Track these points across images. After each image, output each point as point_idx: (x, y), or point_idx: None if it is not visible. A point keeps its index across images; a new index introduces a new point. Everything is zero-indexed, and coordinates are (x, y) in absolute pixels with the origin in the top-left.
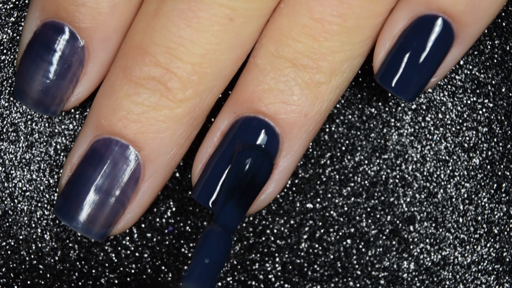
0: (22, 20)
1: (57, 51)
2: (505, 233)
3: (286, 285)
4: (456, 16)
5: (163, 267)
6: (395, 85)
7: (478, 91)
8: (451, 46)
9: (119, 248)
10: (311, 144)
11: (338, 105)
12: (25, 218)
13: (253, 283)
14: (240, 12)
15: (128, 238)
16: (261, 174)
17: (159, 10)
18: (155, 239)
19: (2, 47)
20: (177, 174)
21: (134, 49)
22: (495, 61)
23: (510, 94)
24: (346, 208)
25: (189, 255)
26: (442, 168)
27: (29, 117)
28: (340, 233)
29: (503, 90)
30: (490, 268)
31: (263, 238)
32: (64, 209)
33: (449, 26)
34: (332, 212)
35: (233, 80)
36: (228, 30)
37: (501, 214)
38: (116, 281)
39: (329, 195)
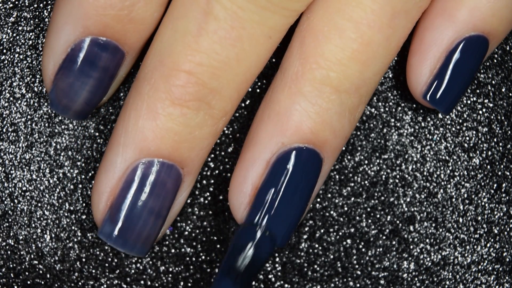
0: (22, 20)
1: (103, 67)
2: (505, 233)
3: (286, 285)
4: (496, 35)
5: (163, 267)
6: (441, 102)
7: (478, 91)
8: (484, 58)
9: None
10: None
11: None
12: (25, 218)
13: (253, 283)
14: (277, 29)
15: None
16: (260, 255)
17: (202, 30)
18: None
19: (2, 47)
20: None
21: (177, 71)
22: (495, 61)
23: (510, 94)
24: (346, 208)
25: (189, 255)
26: (442, 168)
27: (29, 117)
28: (340, 233)
29: (503, 90)
30: (490, 268)
31: None
32: (118, 236)
33: (487, 42)
34: (332, 212)
35: None
36: (267, 48)
37: (501, 214)
38: (116, 281)
39: (329, 195)
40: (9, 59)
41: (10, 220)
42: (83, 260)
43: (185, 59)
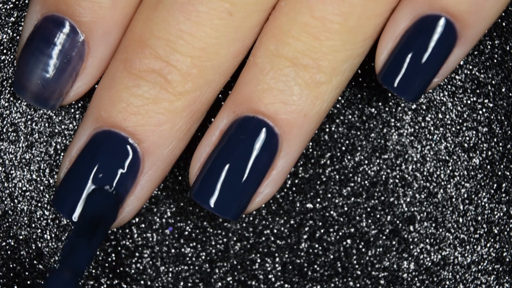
0: (22, 20)
1: (57, 45)
2: (505, 233)
3: (286, 285)
4: (459, 16)
5: (163, 267)
6: (397, 86)
7: (478, 91)
8: (454, 47)
9: (119, 248)
10: (311, 144)
11: (338, 105)
12: (25, 218)
13: (253, 283)
14: (240, 6)
15: (128, 238)
16: (107, 213)
17: (160, 3)
18: (155, 239)
19: (2, 47)
20: (177, 174)
21: (134, 42)
22: (495, 61)
23: (510, 94)
24: (346, 208)
25: (189, 255)
26: (442, 168)
27: (29, 117)
28: (340, 233)
29: (503, 90)
30: (490, 268)
31: (263, 238)
32: (62, 202)
33: (452, 26)
34: (332, 212)
35: (234, 80)
36: (228, 24)
37: (501, 214)
38: (116, 281)
39: (329, 195)
40: (9, 59)
41: (10, 220)
42: None
43: (141, 31)
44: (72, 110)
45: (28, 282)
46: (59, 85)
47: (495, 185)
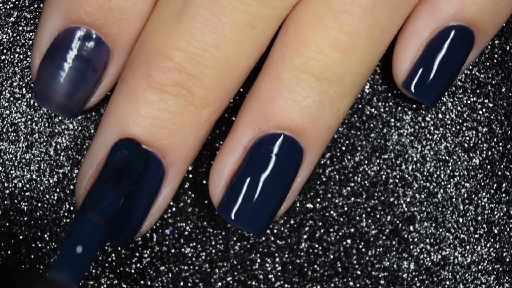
0: (22, 20)
1: (85, 57)
2: (505, 233)
3: (286, 285)
4: (480, 27)
5: (163, 267)
6: (422, 92)
7: (478, 91)
8: (470, 53)
9: (119, 248)
10: None
11: None
12: (25, 218)
13: (253, 283)
14: (261, 18)
15: None
16: (133, 162)
17: (182, 16)
18: (155, 239)
19: (2, 47)
20: None
21: (157, 55)
22: (495, 61)
23: (510, 94)
24: (346, 208)
25: (189, 255)
26: (442, 168)
27: (29, 117)
28: (340, 233)
29: (503, 90)
30: (490, 268)
31: (263, 238)
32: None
33: (472, 35)
34: (332, 212)
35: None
36: (250, 37)
37: (501, 214)
38: (116, 281)
39: (329, 195)
40: (9, 59)
41: (10, 220)
42: None
43: (164, 44)
44: None
45: None
46: (84, 95)
47: (495, 185)
